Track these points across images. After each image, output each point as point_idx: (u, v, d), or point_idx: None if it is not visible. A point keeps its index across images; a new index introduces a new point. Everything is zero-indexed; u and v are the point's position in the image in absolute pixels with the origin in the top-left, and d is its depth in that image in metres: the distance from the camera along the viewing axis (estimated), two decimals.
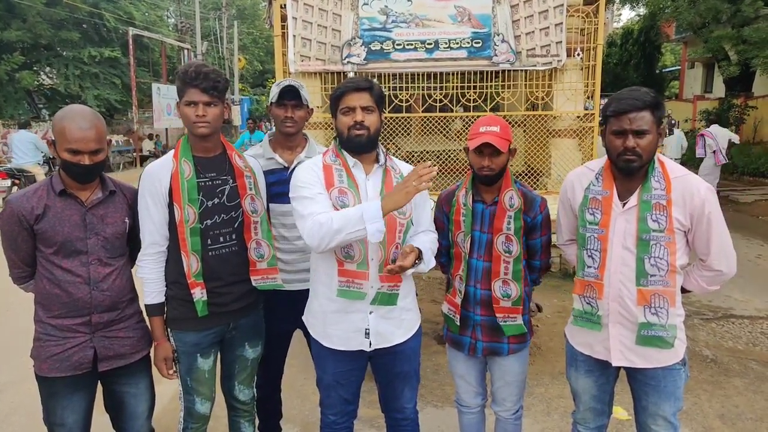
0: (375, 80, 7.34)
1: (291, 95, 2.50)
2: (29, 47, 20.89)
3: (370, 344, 2.17)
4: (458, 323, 2.39)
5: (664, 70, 25.49)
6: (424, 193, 2.18)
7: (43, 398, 2.16)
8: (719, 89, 18.69)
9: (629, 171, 2.04)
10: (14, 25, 19.34)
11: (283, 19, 4.95)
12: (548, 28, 4.90)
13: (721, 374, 4.00)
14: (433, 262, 2.17)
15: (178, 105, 2.23)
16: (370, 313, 2.14)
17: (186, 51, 21.77)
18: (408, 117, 5.21)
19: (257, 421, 2.76)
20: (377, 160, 2.19)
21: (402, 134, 5.32)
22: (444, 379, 3.83)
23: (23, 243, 2.08)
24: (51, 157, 12.82)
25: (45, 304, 2.11)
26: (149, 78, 21.80)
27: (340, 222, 1.95)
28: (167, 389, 2.47)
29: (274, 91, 2.52)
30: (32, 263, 2.14)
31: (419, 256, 2.07)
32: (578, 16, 4.91)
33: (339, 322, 2.18)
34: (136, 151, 18.42)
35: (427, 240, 2.21)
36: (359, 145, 2.12)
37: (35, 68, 21.68)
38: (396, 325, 2.21)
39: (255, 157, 2.51)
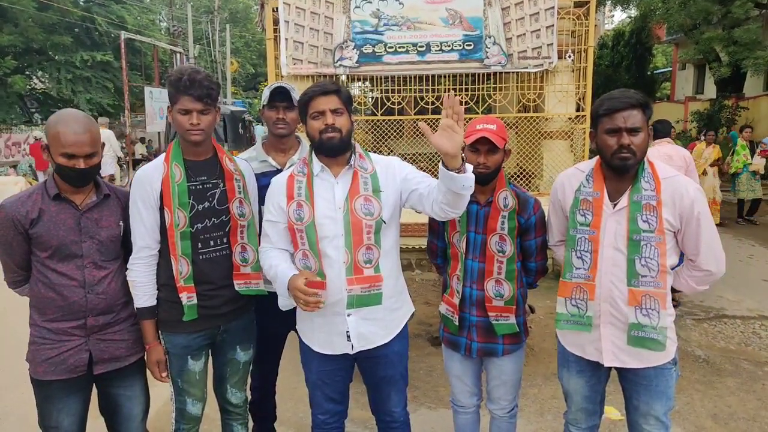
0: (367, 83, 7.32)
1: (282, 97, 2.52)
2: (21, 51, 20.77)
3: (353, 347, 2.18)
4: (457, 323, 2.39)
5: (655, 72, 25.60)
6: (405, 168, 2.20)
7: (38, 401, 2.17)
8: (710, 90, 18.81)
9: (624, 169, 2.05)
10: (6, 30, 19.24)
11: (275, 22, 4.96)
12: (539, 30, 4.93)
13: (714, 374, 4.03)
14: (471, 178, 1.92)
15: (169, 109, 2.23)
16: (348, 315, 2.14)
17: (178, 55, 21.71)
18: (400, 119, 5.22)
19: (251, 424, 2.76)
20: (348, 162, 2.18)
21: (394, 137, 5.33)
22: (437, 381, 3.84)
23: (18, 247, 2.09)
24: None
25: (40, 307, 2.11)
26: (141, 82, 21.70)
27: (271, 276, 2.16)
28: (162, 392, 2.47)
29: (266, 94, 2.54)
30: (27, 267, 2.15)
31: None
32: (569, 18, 4.94)
33: (322, 326, 2.20)
34: (129, 155, 18.35)
35: None
36: (333, 149, 2.12)
37: (27, 72, 21.57)
38: (379, 326, 2.20)
39: (248, 160, 2.52)
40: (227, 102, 20.98)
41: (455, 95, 1.85)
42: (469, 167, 1.92)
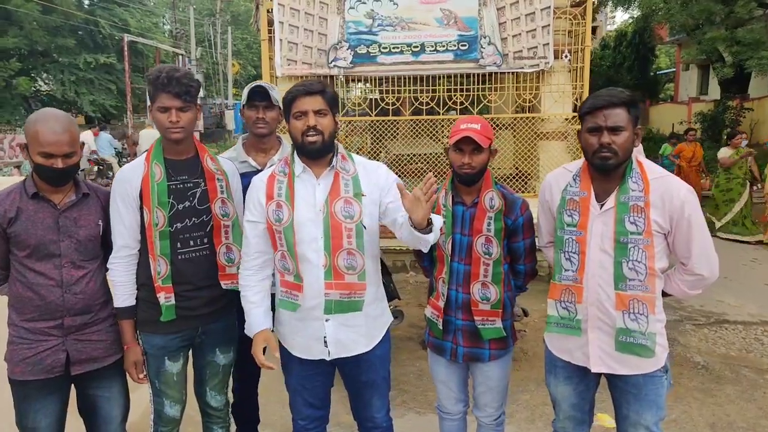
0: (361, 83, 7.25)
1: (261, 96, 2.50)
2: (26, 54, 20.89)
3: (329, 353, 2.13)
4: (441, 327, 2.35)
5: (658, 73, 25.46)
6: (393, 185, 2.14)
7: (15, 402, 2.15)
8: (715, 91, 18.67)
9: (605, 169, 2.00)
10: (11, 32, 19.36)
11: (270, 23, 4.93)
12: (535, 30, 4.89)
13: (713, 381, 3.94)
14: (438, 225, 2.02)
15: (150, 108, 2.21)
16: (327, 320, 2.09)
17: (180, 57, 21.80)
18: (395, 120, 5.17)
19: (235, 427, 2.72)
20: (331, 163, 2.14)
21: (389, 137, 5.28)
22: (427, 385, 3.77)
23: None
24: (121, 150, 15.36)
25: (18, 307, 2.10)
26: (144, 83, 21.80)
27: (245, 310, 2.19)
28: (145, 395, 2.44)
29: (245, 93, 2.51)
30: (6, 266, 2.13)
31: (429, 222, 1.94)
32: (566, 18, 4.88)
33: (300, 329, 2.15)
34: (131, 156, 18.48)
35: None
36: (314, 152, 2.08)
37: (32, 74, 21.67)
38: (359, 333, 2.15)
39: (230, 161, 2.48)
40: (228, 104, 21.07)
41: (451, 96, 1.83)
42: (437, 226, 1.98)
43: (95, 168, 13.88)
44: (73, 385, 2.23)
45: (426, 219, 1.89)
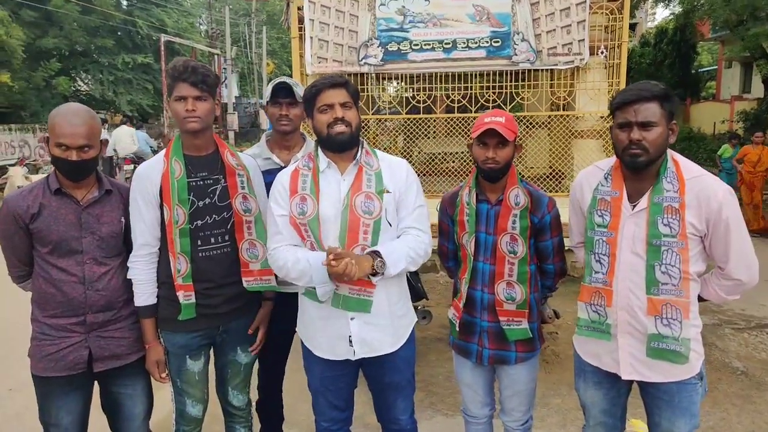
0: (393, 81, 7.19)
1: (285, 93, 2.47)
2: (66, 54, 21.43)
3: (354, 353, 2.09)
4: (458, 329, 2.31)
5: (700, 70, 24.74)
6: (409, 187, 2.11)
7: (38, 398, 2.16)
8: (758, 89, 18.03)
9: (635, 167, 1.91)
10: (51, 33, 19.87)
11: (300, 20, 4.92)
12: (570, 25, 4.75)
13: (753, 388, 3.79)
14: (400, 267, 2.00)
15: (168, 102, 2.19)
16: (352, 319, 2.06)
17: (216, 56, 22.09)
18: (427, 118, 5.12)
19: (260, 426, 2.71)
20: (355, 157, 2.10)
21: (422, 136, 5.23)
22: (456, 387, 3.67)
23: (20, 242, 2.08)
24: (156, 148, 14.99)
25: (41, 303, 2.11)
26: None
27: (296, 273, 2.01)
28: (170, 394, 2.46)
29: (268, 90, 2.50)
30: (30, 262, 2.14)
31: (374, 265, 1.93)
32: (602, 13, 4.74)
33: (324, 328, 2.11)
34: None
35: (402, 243, 2.06)
36: (342, 143, 2.04)
37: (72, 74, 22.22)
38: (385, 332, 2.11)
39: (254, 157, 2.47)
40: (263, 103, 21.37)
41: (483, 93, 1.81)
42: (390, 266, 1.97)
43: (131, 166, 14.14)
44: (96, 382, 2.23)
45: (363, 274, 1.91)
